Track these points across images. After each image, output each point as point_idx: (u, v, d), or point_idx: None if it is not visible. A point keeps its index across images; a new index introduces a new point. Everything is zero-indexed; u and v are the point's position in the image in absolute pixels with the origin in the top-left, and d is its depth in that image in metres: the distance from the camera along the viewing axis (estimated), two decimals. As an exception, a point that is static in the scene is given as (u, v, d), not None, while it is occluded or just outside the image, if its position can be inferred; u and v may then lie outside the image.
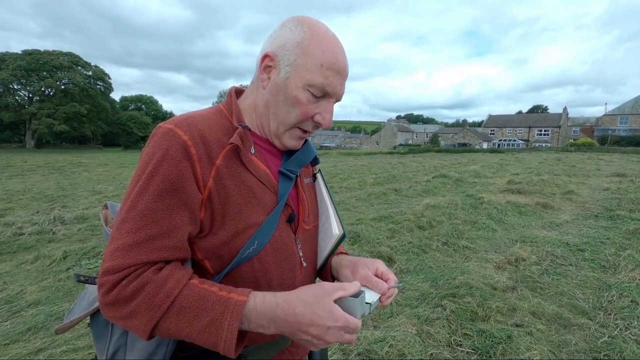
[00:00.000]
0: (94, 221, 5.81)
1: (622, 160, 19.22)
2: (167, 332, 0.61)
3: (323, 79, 0.70)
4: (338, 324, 0.61)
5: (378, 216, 5.75)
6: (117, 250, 0.61)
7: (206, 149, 0.67)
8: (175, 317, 0.60)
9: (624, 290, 3.09)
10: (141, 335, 0.61)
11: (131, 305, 0.60)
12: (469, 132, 57.28)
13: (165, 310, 0.60)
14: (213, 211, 0.67)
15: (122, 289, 0.60)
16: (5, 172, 15.44)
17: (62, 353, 2.31)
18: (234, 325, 0.59)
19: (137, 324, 0.60)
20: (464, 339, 2.44)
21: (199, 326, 0.59)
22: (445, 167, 15.25)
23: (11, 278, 3.63)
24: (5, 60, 46.32)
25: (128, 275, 0.60)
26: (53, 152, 40.01)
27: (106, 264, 0.61)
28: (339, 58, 0.73)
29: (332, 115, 0.75)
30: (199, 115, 0.72)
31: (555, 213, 6.25)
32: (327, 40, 0.72)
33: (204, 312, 0.59)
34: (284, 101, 0.72)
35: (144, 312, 0.59)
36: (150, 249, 0.62)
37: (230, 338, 0.59)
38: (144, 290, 0.60)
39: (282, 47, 0.72)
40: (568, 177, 10.77)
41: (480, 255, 4.12)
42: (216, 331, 0.59)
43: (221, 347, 0.59)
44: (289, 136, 0.76)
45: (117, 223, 0.63)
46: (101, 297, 0.61)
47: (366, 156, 29.89)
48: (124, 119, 58.10)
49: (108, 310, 0.62)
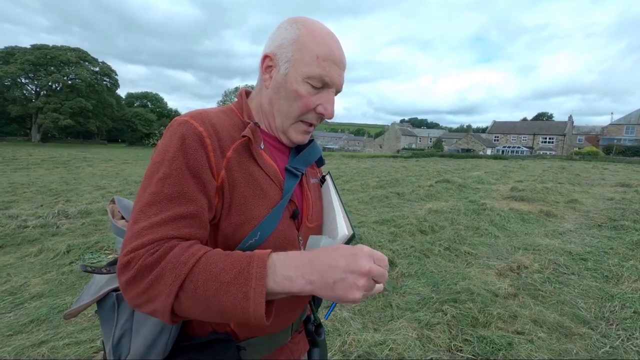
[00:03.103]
0: (98, 216, 5.85)
1: (627, 170, 19.10)
2: (194, 293, 0.56)
3: (320, 70, 0.73)
4: (360, 247, 0.61)
5: (380, 219, 5.75)
6: (145, 229, 0.60)
7: (219, 141, 0.70)
8: (202, 273, 0.57)
9: (627, 301, 3.07)
10: (165, 303, 0.56)
11: (156, 270, 0.57)
12: (473, 138, 57.10)
13: (192, 266, 0.57)
14: (223, 200, 0.69)
15: (147, 257, 0.58)
16: (11, 165, 15.55)
17: (64, 346, 2.33)
18: (262, 272, 0.56)
19: (161, 289, 0.56)
20: (464, 345, 2.43)
21: (227, 278, 0.56)
22: (449, 172, 15.21)
23: (15, 270, 3.66)
24: (14, 55, 46.67)
25: (154, 246, 0.59)
26: (58, 146, 40.28)
27: (133, 243, 0.59)
28: (334, 49, 0.75)
29: (333, 105, 0.77)
30: (212, 111, 0.75)
31: (559, 221, 6.22)
32: (321, 34, 0.75)
33: (230, 265, 0.58)
34: (286, 96, 0.75)
35: (170, 271, 0.57)
36: (179, 226, 0.62)
37: (260, 285, 0.56)
38: (169, 254, 0.58)
39: (280, 46, 0.75)
40: (572, 186, 10.73)
41: (482, 262, 4.11)
42: (245, 280, 0.56)
43: (252, 297, 0.55)
44: (295, 131, 0.79)
45: (140, 206, 0.63)
46: (124, 275, 0.58)
47: (369, 159, 29.87)
48: (129, 116, 58.32)
49: (131, 288, 0.58)
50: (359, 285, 0.57)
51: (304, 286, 0.57)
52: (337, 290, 0.57)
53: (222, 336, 0.72)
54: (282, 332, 0.81)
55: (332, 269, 0.57)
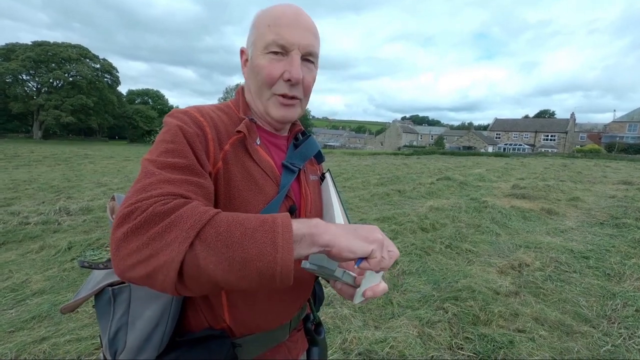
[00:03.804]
0: (99, 213, 5.85)
1: (629, 168, 19.02)
2: (214, 241, 0.49)
3: (274, 35, 0.72)
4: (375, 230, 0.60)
5: (381, 217, 5.75)
6: (152, 184, 0.55)
7: (217, 134, 0.71)
8: (224, 219, 0.51)
9: (629, 299, 3.06)
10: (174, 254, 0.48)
11: (170, 218, 0.50)
12: (475, 135, 56.93)
13: (212, 215, 0.51)
14: (217, 191, 0.68)
15: (160, 206, 0.51)
16: (13, 162, 15.58)
17: (65, 342, 2.33)
18: (287, 221, 0.53)
19: (173, 237, 0.48)
20: (465, 343, 2.43)
21: (252, 225, 0.51)
22: (450, 169, 15.17)
23: (16, 267, 3.67)
24: (15, 51, 46.63)
25: (165, 197, 0.53)
26: (59, 143, 40.33)
27: (138, 195, 0.53)
28: (286, 12, 0.74)
29: (298, 67, 0.74)
30: (209, 107, 0.77)
31: (560, 219, 6.20)
32: (274, 7, 0.76)
33: (252, 217, 0.53)
34: (253, 74, 0.77)
35: (187, 218, 0.50)
36: (188, 189, 0.58)
37: (287, 232, 0.51)
38: (186, 206, 0.52)
39: (247, 38, 0.80)
40: (574, 184, 10.69)
41: (484, 259, 4.10)
42: (271, 227, 0.51)
43: (280, 243, 0.50)
44: (273, 106, 0.78)
45: (144, 170, 0.59)
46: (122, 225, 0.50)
47: (370, 156, 29.83)
48: (130, 112, 58.28)
49: (130, 240, 0.49)
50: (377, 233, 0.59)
51: (330, 238, 0.55)
52: (360, 231, 0.58)
53: (217, 332, 0.71)
54: (279, 329, 0.80)
55: (350, 227, 0.59)
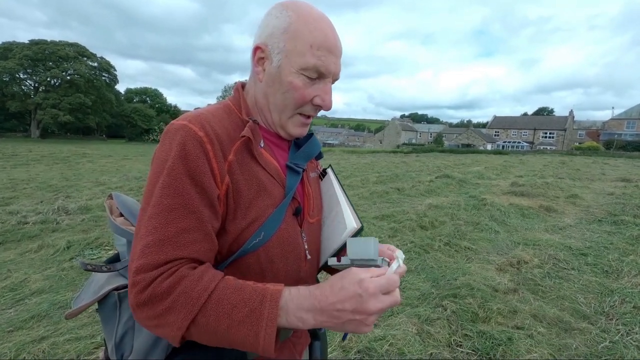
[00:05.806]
0: (98, 212, 5.84)
1: (627, 165, 19.09)
2: (204, 328, 0.58)
3: (315, 60, 0.69)
4: (365, 284, 0.56)
5: (380, 215, 5.76)
6: (148, 247, 0.60)
7: (220, 145, 0.68)
8: (214, 309, 0.58)
9: (627, 295, 3.08)
10: (175, 333, 0.58)
11: (167, 301, 0.57)
12: (473, 133, 57.00)
13: (204, 302, 0.58)
14: (228, 206, 0.68)
15: (158, 285, 0.58)
16: (10, 161, 15.52)
17: (65, 341, 2.33)
18: (273, 313, 0.57)
19: (172, 320, 0.57)
20: (464, 340, 2.44)
21: (239, 317, 0.57)
22: (449, 167, 15.19)
23: (15, 266, 3.66)
24: (12, 50, 46.36)
25: (163, 272, 0.59)
26: (57, 142, 40.19)
27: (138, 262, 0.59)
28: (329, 35, 0.71)
29: (331, 95, 0.74)
30: (209, 112, 0.71)
31: (559, 216, 6.22)
32: (313, 19, 0.70)
33: (242, 303, 0.58)
34: (280, 89, 0.72)
35: (181, 306, 0.57)
36: (182, 243, 0.61)
37: (271, 326, 0.57)
38: (180, 284, 0.58)
39: (271, 36, 0.71)
40: (572, 181, 10.72)
41: (482, 257, 4.11)
42: (256, 320, 0.57)
43: (262, 337, 0.57)
44: (293, 124, 0.76)
45: (143, 221, 0.62)
46: (134, 297, 0.59)
47: (369, 154, 29.82)
48: (129, 111, 58.08)
49: (141, 310, 0.59)
50: (367, 323, 0.59)
51: (315, 325, 0.59)
52: (348, 328, 0.60)
53: None
54: None
55: (341, 313, 0.58)
